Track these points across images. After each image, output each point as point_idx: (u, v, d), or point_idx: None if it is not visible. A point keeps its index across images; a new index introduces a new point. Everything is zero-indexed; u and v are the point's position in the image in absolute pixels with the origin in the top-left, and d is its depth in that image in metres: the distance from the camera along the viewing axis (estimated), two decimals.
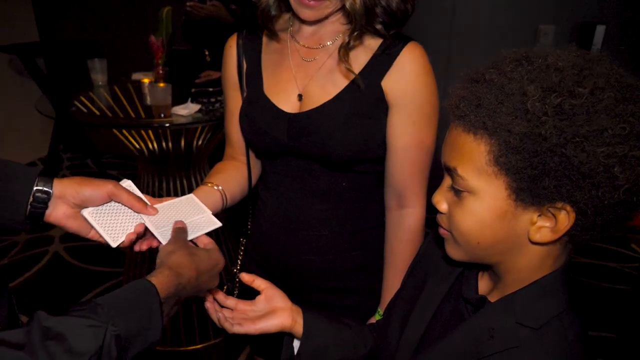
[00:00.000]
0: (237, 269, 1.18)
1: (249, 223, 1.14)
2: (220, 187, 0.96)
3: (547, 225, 0.54)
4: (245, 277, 0.80)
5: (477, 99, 0.54)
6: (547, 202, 0.52)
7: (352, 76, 0.90)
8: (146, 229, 0.78)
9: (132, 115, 1.84)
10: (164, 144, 1.97)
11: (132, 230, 0.76)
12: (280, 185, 1.00)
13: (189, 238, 0.77)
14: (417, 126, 0.91)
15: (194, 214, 0.84)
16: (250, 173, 1.06)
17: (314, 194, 0.97)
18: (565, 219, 0.52)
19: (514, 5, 2.78)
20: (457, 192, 0.58)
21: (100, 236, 0.75)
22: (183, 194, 2.10)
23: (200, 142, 2.00)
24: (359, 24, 0.87)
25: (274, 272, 1.05)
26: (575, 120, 0.49)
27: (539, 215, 0.54)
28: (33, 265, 2.69)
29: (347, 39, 0.89)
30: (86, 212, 0.73)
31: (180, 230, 0.75)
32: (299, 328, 0.77)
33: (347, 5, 0.85)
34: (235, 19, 2.36)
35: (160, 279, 0.60)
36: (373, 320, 1.01)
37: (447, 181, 0.61)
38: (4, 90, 3.65)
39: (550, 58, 0.53)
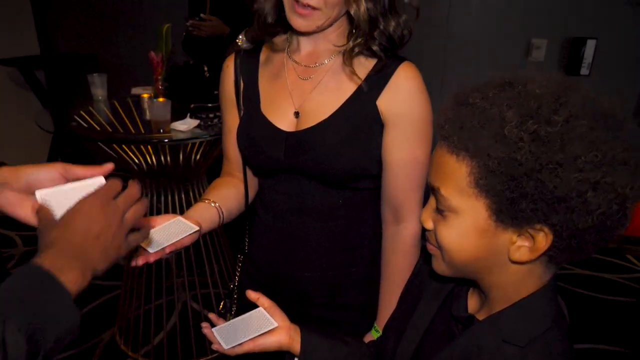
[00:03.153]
0: (234, 285, 1.19)
1: (246, 239, 1.16)
2: (217, 204, 0.98)
3: (525, 245, 0.56)
4: (252, 295, 0.82)
5: (461, 121, 0.56)
6: (525, 223, 0.54)
7: (348, 93, 0.93)
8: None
9: (132, 130, 1.86)
10: (162, 158, 1.99)
11: None
12: (276, 202, 1.02)
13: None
14: (411, 143, 0.94)
15: (182, 231, 0.87)
16: (247, 189, 1.08)
17: (311, 211, 0.99)
18: (542, 240, 0.54)
19: (507, 19, 2.83)
20: (441, 211, 0.60)
21: None
22: (181, 207, 2.14)
23: (198, 157, 2.02)
24: (362, 32, 0.89)
25: (271, 288, 1.06)
26: (550, 146, 0.51)
27: (518, 235, 0.56)
28: None
29: (351, 44, 0.91)
30: (39, 193, 0.64)
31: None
32: (297, 346, 0.78)
33: (352, 12, 0.88)
34: (232, 29, 2.40)
35: (43, 257, 0.53)
36: (370, 336, 1.03)
37: (432, 200, 0.63)
38: (3, 102, 3.67)
39: (530, 85, 0.55)
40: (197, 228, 0.87)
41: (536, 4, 2.77)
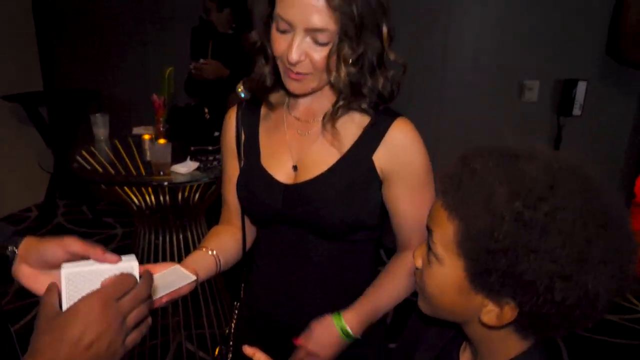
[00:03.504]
0: (230, 331, 1.19)
1: (242, 285, 1.16)
2: (214, 252, 0.99)
3: (495, 311, 0.57)
4: (248, 350, 0.81)
5: (459, 182, 0.58)
6: (494, 293, 0.56)
7: (345, 147, 0.95)
8: None
9: (133, 171, 1.89)
10: (161, 199, 2.01)
11: None
12: (274, 252, 1.04)
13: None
14: (411, 193, 0.96)
15: (180, 280, 0.88)
16: (245, 238, 1.10)
17: (308, 262, 1.00)
18: (508, 312, 0.56)
19: (500, 61, 2.92)
20: (430, 255, 0.63)
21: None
22: (178, 246, 2.15)
23: (197, 198, 2.05)
24: (344, 95, 0.91)
25: (268, 336, 1.07)
26: (530, 231, 0.51)
27: (490, 300, 0.57)
28: (25, 315, 2.65)
29: (331, 109, 0.93)
30: (64, 269, 0.61)
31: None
32: None
33: (332, 78, 0.89)
34: (232, 71, 2.46)
35: None
36: (329, 319, 0.98)
37: (427, 241, 0.65)
38: (5, 137, 3.71)
39: (531, 164, 0.55)
40: (194, 277, 0.89)
41: (527, 47, 2.86)
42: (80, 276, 0.60)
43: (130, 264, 0.62)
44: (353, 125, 0.96)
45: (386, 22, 0.89)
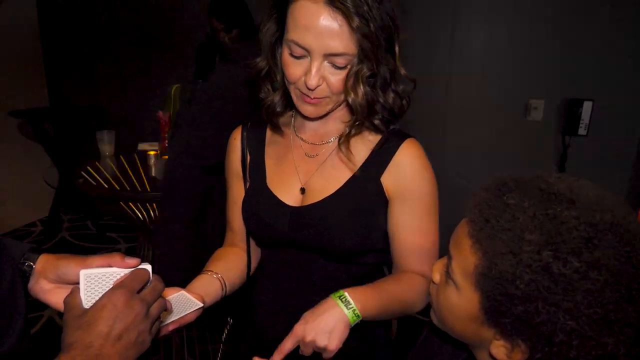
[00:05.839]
0: (221, 350, 1.15)
1: (245, 307, 1.14)
2: (219, 275, 0.97)
3: (505, 347, 0.55)
4: None
5: (490, 214, 0.54)
6: (506, 333, 0.53)
7: (353, 169, 0.94)
8: None
9: (138, 187, 1.89)
10: None
11: None
12: (279, 274, 1.02)
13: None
14: (417, 218, 0.94)
15: (187, 307, 0.87)
16: (250, 260, 1.08)
17: (314, 284, 0.98)
18: (518, 353, 0.53)
19: (505, 80, 2.93)
20: (448, 275, 0.61)
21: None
22: None
23: None
24: (361, 116, 0.90)
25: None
26: (555, 285, 0.48)
27: (501, 337, 0.55)
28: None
29: (347, 129, 0.92)
30: (82, 272, 0.65)
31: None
32: None
33: (350, 100, 0.87)
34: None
35: None
36: (330, 300, 0.86)
37: (447, 259, 0.63)
38: (9, 151, 3.74)
39: (571, 211, 0.50)
40: (201, 305, 0.87)
41: (533, 66, 2.87)
42: (98, 277, 0.64)
43: (144, 266, 0.66)
44: (363, 145, 0.95)
45: (397, 38, 0.88)
